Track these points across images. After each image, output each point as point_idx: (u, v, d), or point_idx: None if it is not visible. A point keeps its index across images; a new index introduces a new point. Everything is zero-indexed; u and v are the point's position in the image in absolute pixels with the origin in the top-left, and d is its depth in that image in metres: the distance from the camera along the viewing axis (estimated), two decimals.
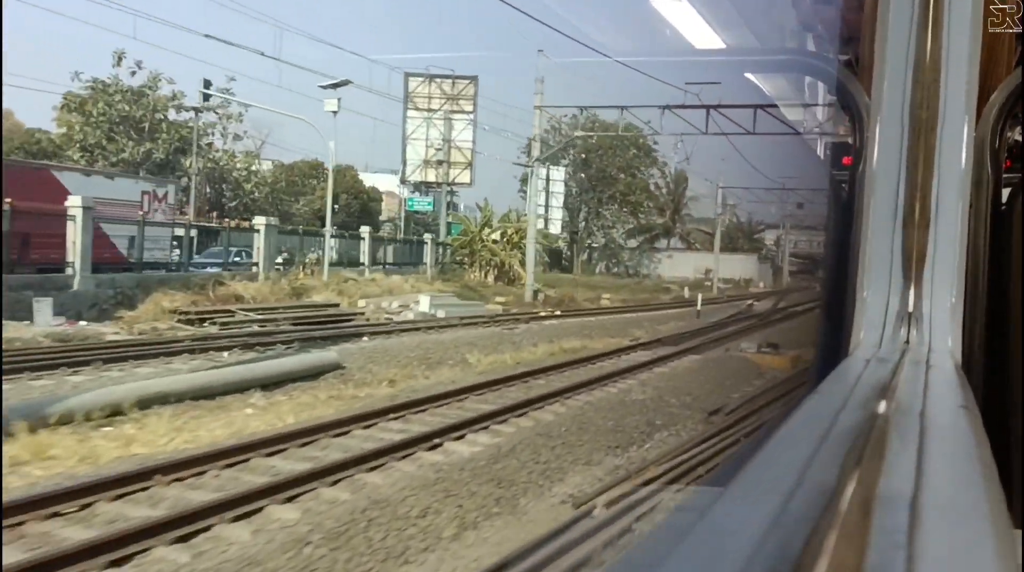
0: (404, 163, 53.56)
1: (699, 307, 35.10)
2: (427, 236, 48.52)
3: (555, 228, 60.40)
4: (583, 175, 63.27)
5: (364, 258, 39.66)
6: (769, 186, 60.22)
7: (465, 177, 53.01)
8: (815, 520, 1.05)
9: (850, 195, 3.35)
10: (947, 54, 2.77)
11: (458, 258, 48.87)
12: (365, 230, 42.79)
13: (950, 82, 2.79)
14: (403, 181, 55.17)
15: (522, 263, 44.44)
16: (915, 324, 2.77)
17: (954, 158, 2.80)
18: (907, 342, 2.74)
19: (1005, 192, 3.29)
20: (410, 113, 52.14)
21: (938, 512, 1.11)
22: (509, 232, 48.00)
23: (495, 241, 47.45)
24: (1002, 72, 3.11)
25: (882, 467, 1.33)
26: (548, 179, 58.71)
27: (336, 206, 47.81)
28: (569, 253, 65.09)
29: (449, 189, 55.39)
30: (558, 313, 32.62)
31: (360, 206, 56.92)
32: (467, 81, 51.99)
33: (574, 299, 40.38)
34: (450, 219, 52.76)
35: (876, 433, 1.55)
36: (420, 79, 52.00)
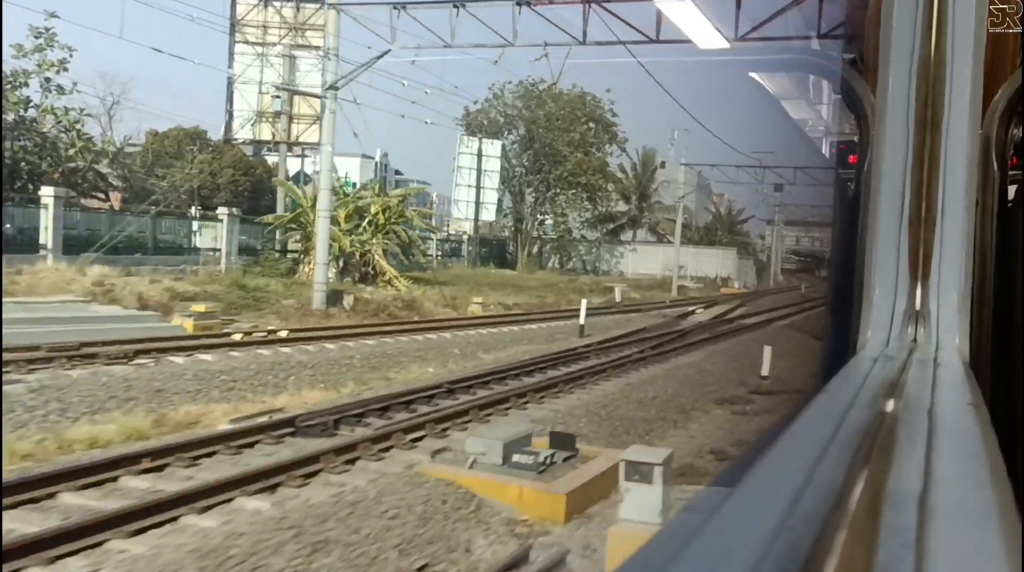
0: (229, 115, 40.48)
1: (582, 321, 25.74)
2: (222, 211, 34.94)
3: (488, 214, 52.22)
4: (530, 152, 53.68)
5: (47, 240, 27.20)
6: (745, 163, 49.96)
7: (313, 135, 37.75)
8: (824, 519, 1.06)
9: (856, 194, 3.35)
10: (952, 52, 2.78)
11: (290, 245, 35.87)
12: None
13: (955, 80, 2.79)
14: (228, 139, 41.56)
15: (403, 250, 35.89)
16: (922, 322, 2.77)
17: (959, 156, 2.80)
18: (914, 340, 2.74)
19: (1011, 190, 3.29)
20: (239, 48, 39.52)
21: (947, 511, 1.11)
22: (374, 211, 34.52)
23: (356, 224, 34.12)
24: (1007, 70, 3.11)
25: (890, 466, 1.33)
26: (480, 155, 50.48)
27: (219, 183, 39.40)
28: (513, 245, 55.27)
29: (302, 152, 42.98)
30: (295, 336, 19.54)
31: (252, 184, 42.38)
32: (316, 5, 37.97)
33: (412, 306, 28.06)
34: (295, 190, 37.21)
35: (884, 432, 1.56)
36: (253, 3, 39.14)
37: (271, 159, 44.77)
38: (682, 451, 10.96)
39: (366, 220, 34.85)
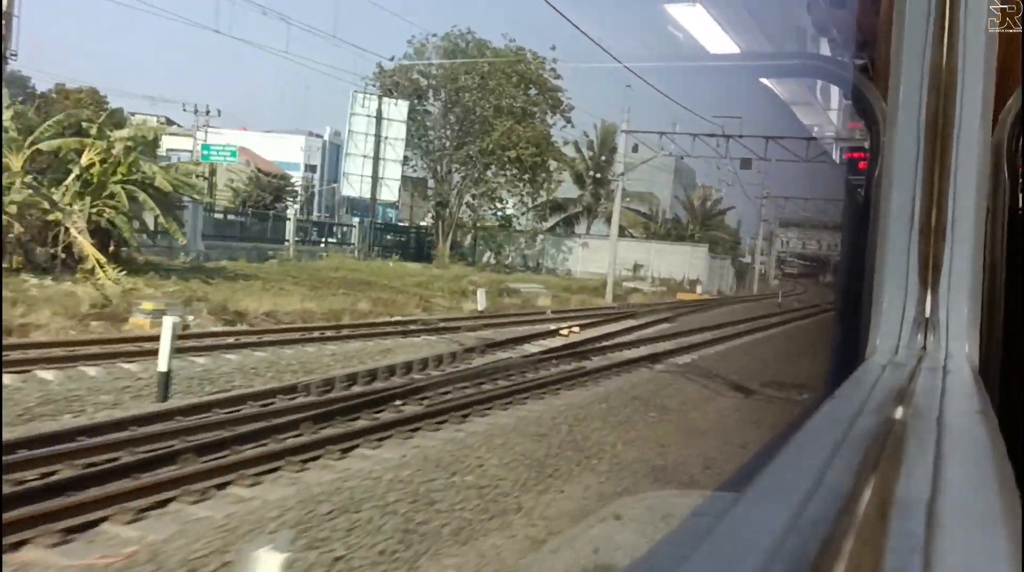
0: None
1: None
2: None
3: (389, 192, 41.63)
4: (455, 120, 43.08)
5: None
6: (704, 131, 35.62)
7: None
8: (832, 524, 1.06)
9: (866, 200, 3.35)
10: (963, 60, 2.77)
11: None
12: None
13: (966, 87, 2.79)
14: None
15: (118, 224, 22.14)
16: (932, 329, 2.76)
17: (970, 163, 2.79)
18: (924, 347, 2.74)
19: (1022, 197, 3.28)
20: None
21: (955, 517, 1.12)
22: (85, 161, 22.53)
23: (56, 178, 22.53)
24: (1018, 78, 3.10)
25: (899, 472, 1.33)
26: (380, 118, 40.24)
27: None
28: (435, 234, 44.29)
29: None
30: None
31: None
32: None
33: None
34: None
35: (893, 438, 1.56)
36: None
37: None
38: None
39: (72, 175, 22.45)
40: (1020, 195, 3.22)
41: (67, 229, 20.75)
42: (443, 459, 8.24)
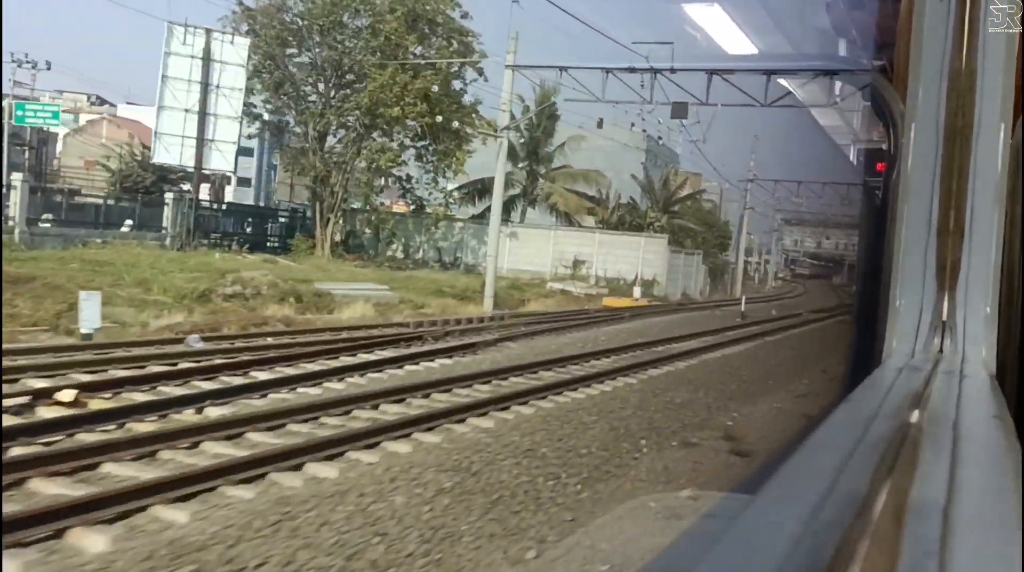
0: None
1: None
2: None
3: (223, 160, 30.74)
4: (327, 69, 34.10)
5: None
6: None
7: None
8: (847, 527, 1.06)
9: (883, 202, 3.33)
10: (982, 62, 2.76)
11: None
12: None
13: (986, 90, 2.77)
14: None
15: None
16: (948, 333, 2.75)
17: (990, 166, 2.78)
18: (940, 351, 2.73)
19: None
20: None
21: (971, 522, 1.11)
22: None
23: None
24: None
25: (914, 476, 1.33)
26: (208, 60, 29.77)
27: None
28: (314, 218, 35.56)
29: None
30: None
31: None
32: None
33: None
34: None
35: (909, 442, 1.56)
36: None
37: None
38: None
39: None
40: None
41: None
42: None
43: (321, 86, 34.34)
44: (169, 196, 31.57)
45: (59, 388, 7.66)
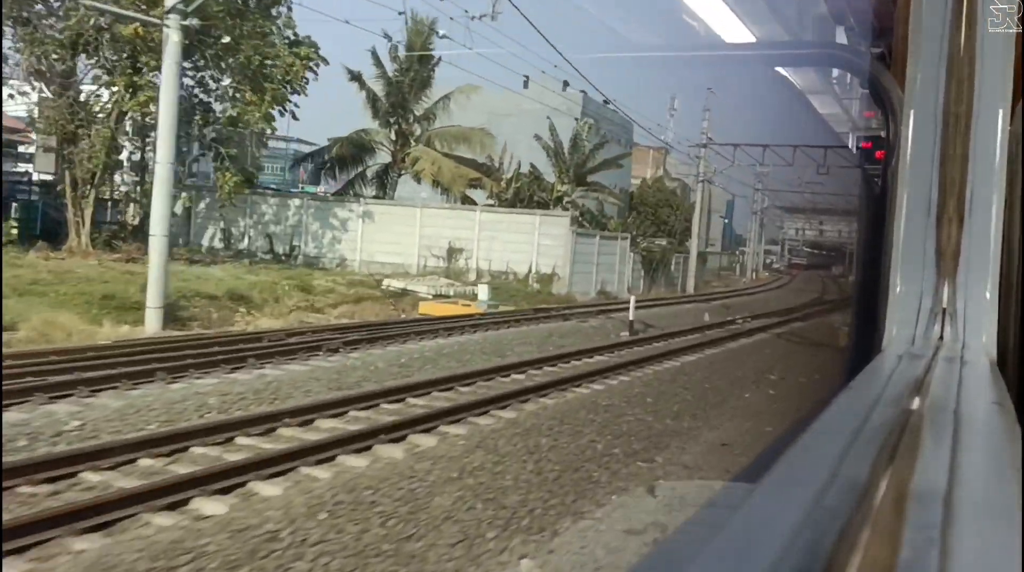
0: None
1: None
2: None
3: None
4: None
5: None
6: None
7: None
8: (848, 515, 1.06)
9: (882, 190, 3.33)
10: (982, 48, 2.75)
11: None
12: None
13: (985, 76, 2.76)
14: None
15: None
16: (949, 320, 2.75)
17: (989, 153, 2.77)
18: (940, 338, 2.72)
19: None
20: None
21: (972, 508, 1.11)
22: None
23: None
24: None
25: (915, 463, 1.33)
26: None
27: None
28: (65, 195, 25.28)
29: None
30: None
31: None
32: None
33: None
34: None
35: (909, 429, 1.56)
36: None
37: None
38: None
39: None
40: None
41: None
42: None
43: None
44: None
45: None
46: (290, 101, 27.40)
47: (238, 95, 26.56)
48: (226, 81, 26.81)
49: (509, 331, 17.45)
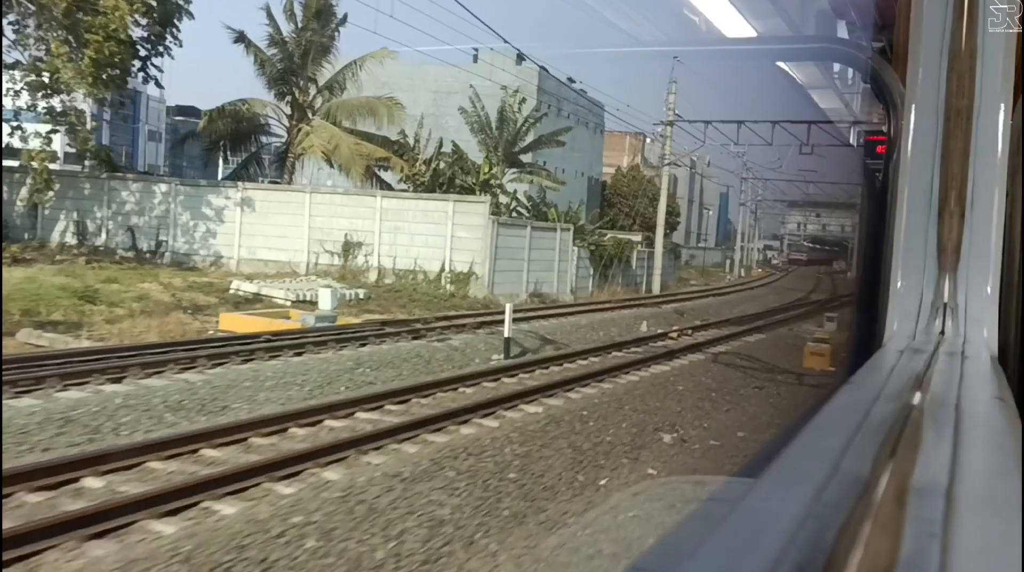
0: None
1: None
2: None
3: None
4: None
5: None
6: None
7: None
8: (849, 510, 1.06)
9: (884, 184, 3.33)
10: (983, 42, 2.74)
11: None
12: None
13: (986, 70, 2.76)
14: None
15: None
16: (950, 315, 2.75)
17: (990, 147, 2.77)
18: (942, 333, 2.72)
19: None
20: None
21: (973, 503, 1.12)
22: None
23: None
24: None
25: (917, 458, 1.33)
26: None
27: None
28: None
29: None
30: None
31: None
32: None
33: None
34: None
35: (911, 424, 1.56)
36: None
37: None
38: None
39: None
40: None
41: None
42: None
43: None
44: None
45: None
46: (138, 59, 21.71)
47: (42, 47, 19.96)
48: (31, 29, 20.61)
49: (306, 359, 12.70)
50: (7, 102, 20.77)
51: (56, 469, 6.76)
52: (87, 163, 26.51)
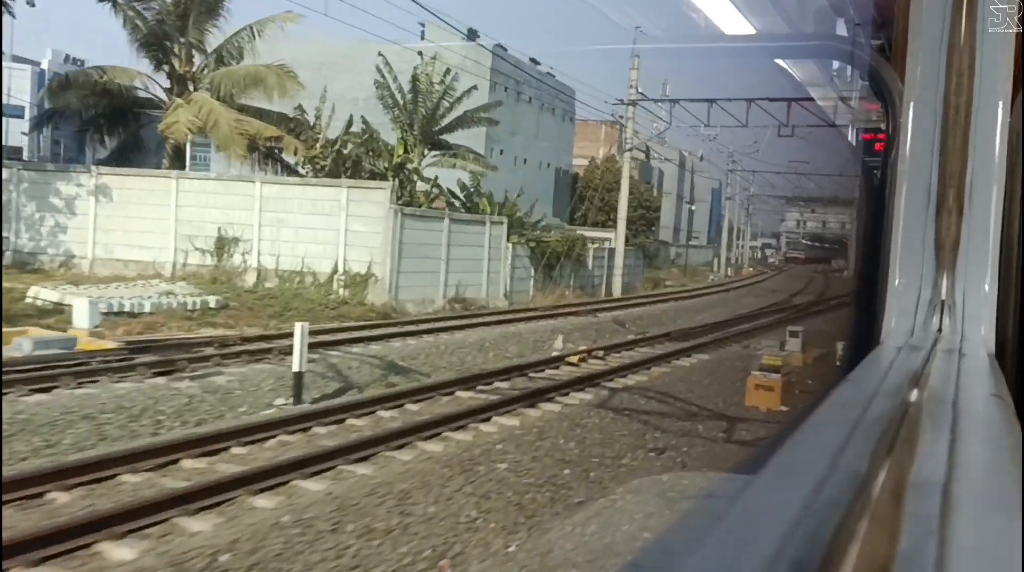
0: None
1: None
2: None
3: None
4: None
5: None
6: None
7: None
8: (847, 506, 1.06)
9: (882, 182, 3.33)
10: (982, 40, 2.75)
11: None
12: None
13: (985, 68, 2.76)
14: None
15: None
16: (948, 312, 2.75)
17: (989, 144, 2.77)
18: (939, 330, 2.73)
19: None
20: None
21: (970, 500, 1.12)
22: None
23: None
24: None
25: (914, 455, 1.34)
26: None
27: None
28: None
29: None
30: None
31: None
32: None
33: None
34: None
35: (908, 421, 1.56)
36: None
37: None
38: None
39: None
40: None
41: None
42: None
43: None
44: None
45: None
46: None
47: None
48: None
49: None
50: None
51: None
52: None
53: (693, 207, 67.99)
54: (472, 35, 25.07)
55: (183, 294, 17.46)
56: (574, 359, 15.47)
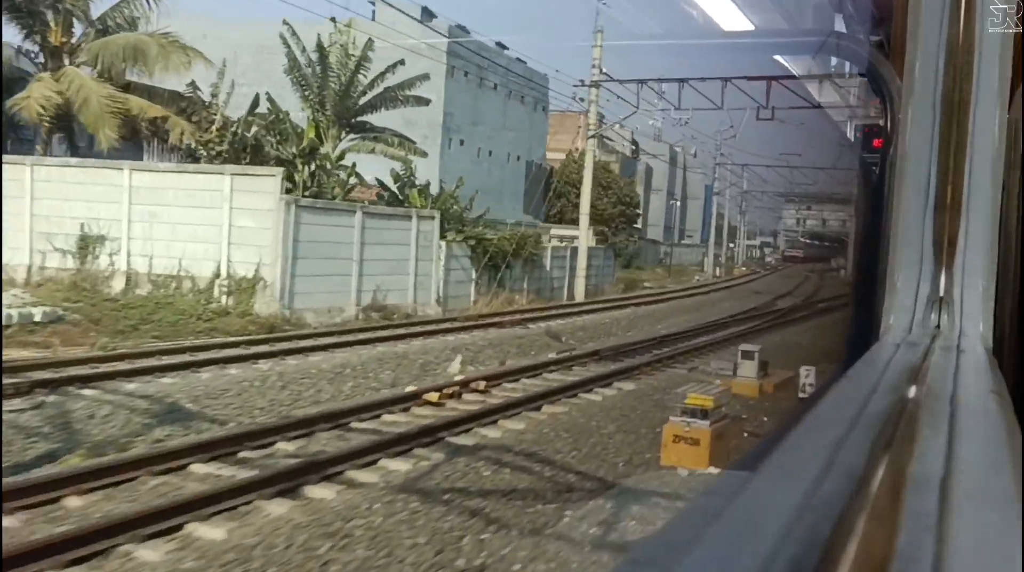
0: None
1: None
2: None
3: None
4: None
5: None
6: None
7: None
8: (845, 503, 1.07)
9: (880, 178, 3.33)
10: (980, 36, 2.75)
11: None
12: None
13: (983, 65, 2.76)
14: None
15: None
16: (946, 309, 2.75)
17: (987, 141, 2.77)
18: (938, 327, 2.73)
19: None
20: None
21: (968, 496, 1.12)
22: None
23: None
24: None
25: (912, 451, 1.34)
26: None
27: None
28: None
29: None
30: None
31: None
32: None
33: None
34: None
35: (906, 417, 1.56)
36: None
37: None
38: None
39: None
40: None
41: None
42: None
43: None
44: None
45: None
46: None
47: None
48: None
49: None
50: None
51: None
52: None
53: (677, 203, 66.09)
54: (428, 15, 21.85)
55: (7, 305, 14.15)
56: (434, 397, 11.10)
